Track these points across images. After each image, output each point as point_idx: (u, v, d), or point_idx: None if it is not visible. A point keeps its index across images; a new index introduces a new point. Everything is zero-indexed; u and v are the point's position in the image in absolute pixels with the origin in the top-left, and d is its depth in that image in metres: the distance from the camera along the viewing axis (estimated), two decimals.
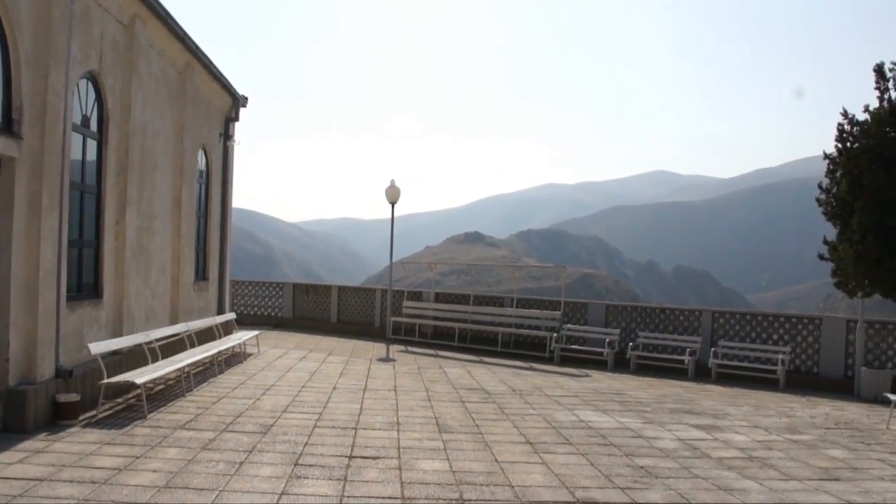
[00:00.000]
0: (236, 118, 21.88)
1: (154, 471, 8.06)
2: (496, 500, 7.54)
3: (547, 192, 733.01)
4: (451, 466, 8.76)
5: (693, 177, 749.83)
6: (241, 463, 8.52)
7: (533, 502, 7.54)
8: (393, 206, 23.98)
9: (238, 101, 21.70)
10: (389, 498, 7.44)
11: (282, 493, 7.42)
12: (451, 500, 7.46)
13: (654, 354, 20.18)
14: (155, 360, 13.32)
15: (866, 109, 13.00)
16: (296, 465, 8.54)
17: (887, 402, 14.17)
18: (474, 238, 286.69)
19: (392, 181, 23.91)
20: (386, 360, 19.38)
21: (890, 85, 12.93)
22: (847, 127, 13.12)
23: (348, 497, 7.41)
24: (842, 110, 13.25)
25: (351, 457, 9.02)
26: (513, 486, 8.05)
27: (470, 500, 7.48)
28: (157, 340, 13.89)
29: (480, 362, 19.85)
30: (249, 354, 18.68)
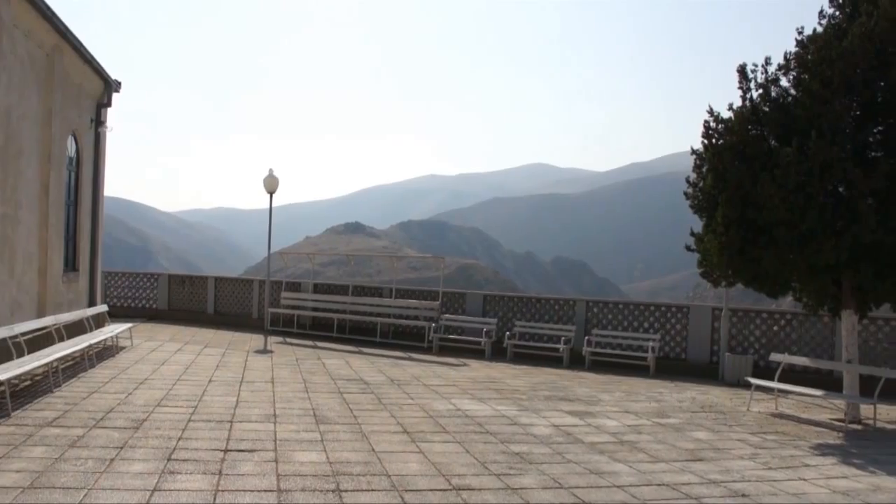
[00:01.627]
0: (108, 104, 21.21)
1: (18, 471, 7.72)
2: (373, 490, 7.60)
3: (428, 183, 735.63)
4: (328, 457, 8.77)
5: (571, 170, 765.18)
6: (112, 460, 8.29)
7: (409, 490, 7.63)
8: (271, 196, 23.69)
9: (111, 86, 21.04)
10: (265, 491, 7.40)
11: (154, 490, 7.26)
12: (327, 490, 7.48)
13: (531, 343, 20.59)
14: (21, 355, 12.80)
15: (730, 108, 13.54)
16: (169, 460, 8.37)
17: (749, 386, 14.87)
18: (355, 228, 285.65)
19: (270, 170, 23.59)
20: (264, 351, 19.17)
21: (752, 85, 13.50)
22: (713, 124, 13.61)
23: (223, 491, 7.33)
24: (708, 108, 13.78)
25: (226, 450, 8.92)
26: (389, 476, 8.12)
27: (346, 491, 7.51)
28: (23, 335, 13.35)
29: (359, 353, 19.87)
30: (122, 348, 18.18)
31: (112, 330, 18.02)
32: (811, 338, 17.93)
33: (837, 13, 13.32)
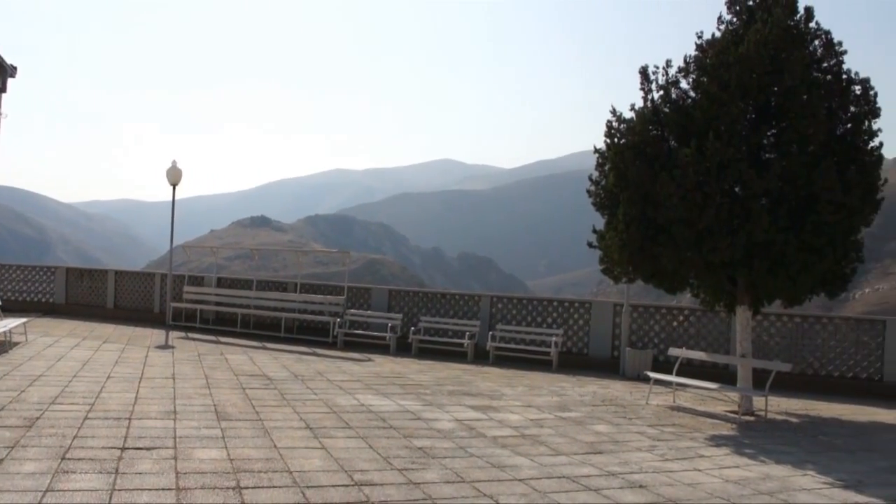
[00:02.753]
0: (3, 89, 20.47)
1: None
2: (274, 487, 7.53)
3: (336, 177, 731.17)
4: (228, 454, 8.65)
5: (479, 166, 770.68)
6: (2, 460, 8.00)
7: (311, 487, 7.59)
8: (174, 188, 23.24)
9: (5, 71, 20.31)
10: (164, 489, 7.26)
11: (46, 490, 7.03)
12: (227, 488, 7.38)
13: (436, 338, 20.66)
14: None
15: (632, 108, 13.87)
16: (63, 459, 8.11)
17: (648, 380, 15.23)
18: (261, 222, 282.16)
19: (174, 162, 23.16)
20: (165, 347, 18.79)
21: (653, 87, 13.84)
22: (615, 124, 13.90)
23: (120, 490, 7.16)
24: (611, 108, 14.06)
25: (124, 448, 8.70)
26: (291, 472, 8.06)
27: (247, 488, 7.42)
28: None
29: (263, 348, 19.63)
30: (16, 343, 17.56)
31: (5, 325, 17.42)
32: (708, 333, 18.49)
33: (735, 20, 13.76)
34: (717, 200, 12.56)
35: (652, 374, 14.91)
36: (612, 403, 14.12)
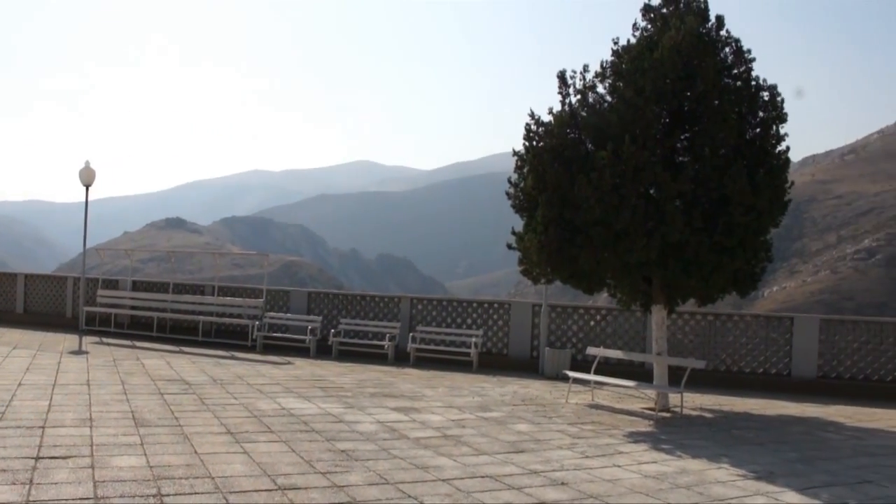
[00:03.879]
0: None
1: None
2: (196, 493, 7.44)
3: (253, 178, 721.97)
4: (148, 462, 8.49)
5: (397, 168, 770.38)
6: None
7: (234, 492, 7.52)
8: (87, 189, 22.71)
9: None
10: (81, 499, 7.09)
11: None
12: (147, 496, 7.26)
13: (356, 340, 20.62)
14: None
15: (550, 112, 14.06)
16: None
17: (567, 379, 15.46)
18: (176, 224, 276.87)
19: (87, 162, 22.64)
20: (78, 352, 18.33)
21: (571, 91, 14.06)
22: (534, 127, 14.06)
23: (34, 501, 6.96)
24: (529, 111, 14.24)
25: (38, 458, 8.47)
26: (213, 478, 7.97)
27: (168, 495, 7.32)
28: None
29: (181, 353, 19.32)
30: None
31: None
32: (624, 332, 18.88)
33: (650, 26, 14.09)
34: (632, 202, 12.82)
35: (571, 374, 15.14)
36: (533, 403, 14.31)
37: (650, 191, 13.24)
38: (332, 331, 20.83)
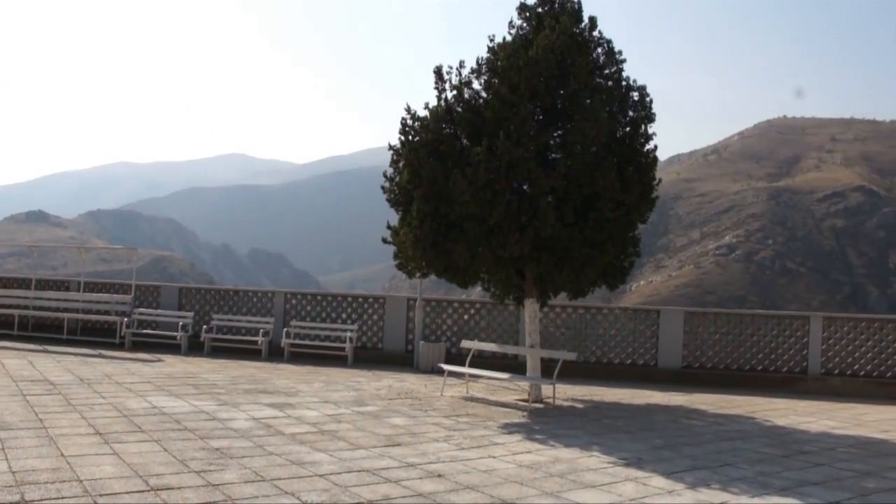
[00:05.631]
0: None
1: None
2: (63, 498, 7.15)
3: (120, 170, 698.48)
4: (10, 466, 8.09)
5: (271, 161, 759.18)
6: None
7: (104, 495, 7.27)
8: None
9: None
10: None
11: None
12: (11, 503, 6.96)
13: (229, 336, 20.26)
14: None
15: (426, 107, 14.13)
16: None
17: (442, 372, 15.58)
18: (38, 217, 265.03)
19: None
20: None
21: (447, 86, 14.16)
22: (410, 122, 14.10)
23: None
24: (405, 106, 14.27)
25: None
26: (82, 481, 7.68)
27: (33, 501, 6.99)
28: None
29: (44, 352, 18.54)
30: None
31: None
32: (498, 325, 19.17)
33: (525, 25, 14.33)
34: (506, 198, 13.03)
35: (445, 367, 15.26)
36: (408, 396, 14.37)
37: (524, 186, 13.46)
38: (205, 327, 20.38)
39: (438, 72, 14.20)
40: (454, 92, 14.16)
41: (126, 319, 20.55)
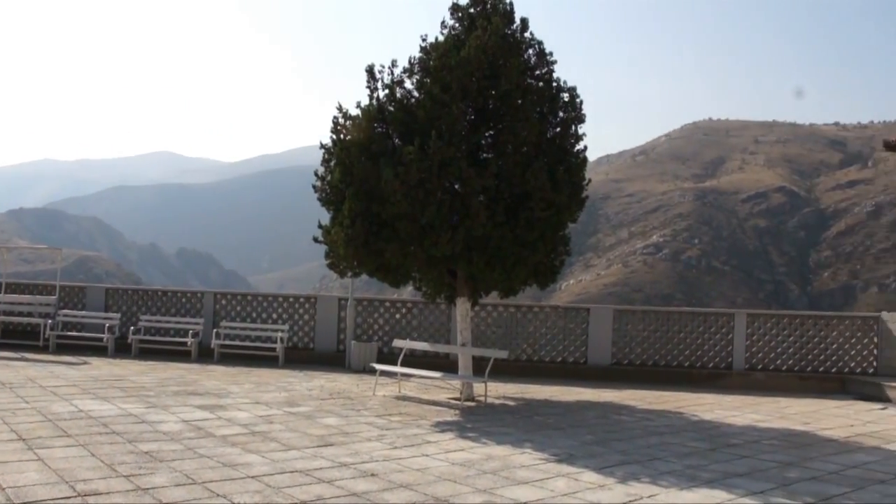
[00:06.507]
0: None
1: None
2: None
3: (43, 167, 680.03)
4: None
5: (199, 159, 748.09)
6: None
7: (28, 502, 7.09)
8: None
9: None
10: None
11: None
12: None
13: (157, 338, 19.93)
14: None
15: (358, 106, 14.09)
16: None
17: (374, 372, 15.56)
18: None
19: None
20: None
21: (379, 85, 14.15)
22: (341, 120, 14.05)
23: None
24: (337, 105, 14.21)
25: None
26: (4, 489, 7.45)
27: None
28: None
29: None
30: None
31: None
32: (430, 324, 19.23)
33: (457, 25, 14.39)
34: (438, 197, 13.06)
35: (377, 366, 15.24)
36: (340, 396, 14.33)
37: (455, 186, 13.51)
38: (132, 328, 20.00)
39: (371, 71, 14.18)
40: (386, 91, 14.16)
41: (50, 321, 20.07)
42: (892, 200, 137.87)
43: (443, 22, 14.46)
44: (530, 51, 14.33)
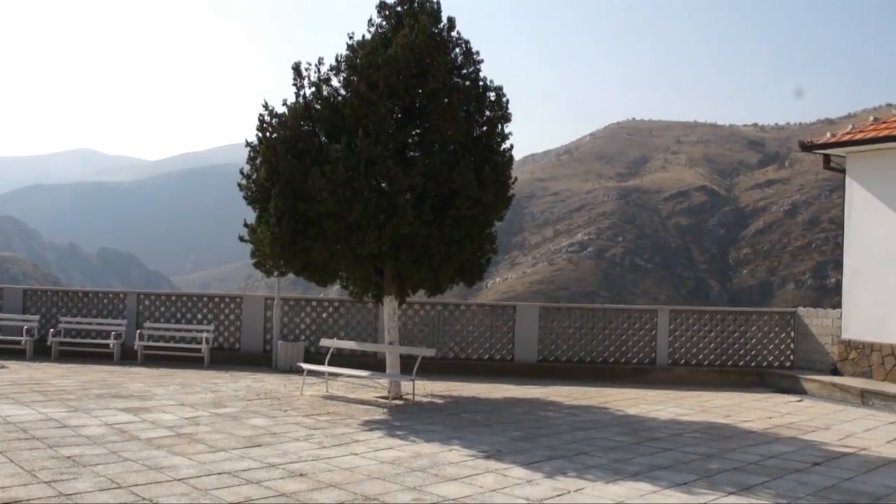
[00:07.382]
0: None
1: None
2: None
3: None
4: None
5: (120, 157, 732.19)
6: None
7: None
8: None
9: None
10: None
11: None
12: None
13: (79, 340, 19.50)
14: None
15: (284, 103, 13.98)
16: None
17: (301, 372, 15.48)
18: None
19: None
20: None
21: (306, 83, 14.06)
22: (267, 118, 13.92)
23: None
24: (263, 102, 14.07)
25: None
26: None
27: None
28: None
29: None
30: None
31: None
32: (357, 323, 19.19)
33: (385, 23, 14.40)
34: (365, 195, 13.04)
35: (305, 366, 15.17)
36: (267, 396, 14.22)
37: (382, 184, 13.53)
38: (52, 330, 19.52)
39: (297, 68, 14.09)
40: (313, 89, 14.08)
41: None
42: (807, 200, 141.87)
43: (370, 20, 14.45)
44: (457, 50, 14.41)
